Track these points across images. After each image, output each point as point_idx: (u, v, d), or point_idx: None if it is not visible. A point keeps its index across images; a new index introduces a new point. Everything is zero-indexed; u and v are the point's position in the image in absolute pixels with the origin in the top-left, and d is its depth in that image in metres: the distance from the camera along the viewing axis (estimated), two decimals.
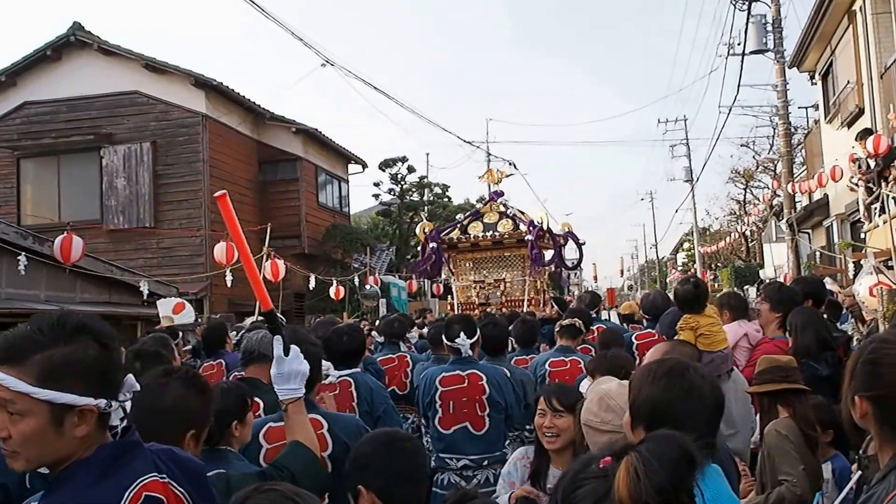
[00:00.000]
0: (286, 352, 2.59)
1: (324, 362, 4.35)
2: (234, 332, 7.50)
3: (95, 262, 11.46)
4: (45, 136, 18.11)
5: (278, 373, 2.59)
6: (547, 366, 5.92)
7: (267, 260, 12.44)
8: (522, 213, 10.29)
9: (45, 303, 10.23)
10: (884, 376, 1.87)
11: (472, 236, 9.99)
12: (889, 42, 12.61)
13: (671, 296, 6.55)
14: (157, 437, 2.15)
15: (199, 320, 13.60)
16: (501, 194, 10.55)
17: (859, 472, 2.56)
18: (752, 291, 19.53)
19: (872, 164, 11.27)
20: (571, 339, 6.05)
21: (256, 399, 3.78)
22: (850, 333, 6.84)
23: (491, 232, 9.92)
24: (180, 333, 7.07)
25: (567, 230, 10.18)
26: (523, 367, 5.87)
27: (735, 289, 22.79)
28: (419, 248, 10.28)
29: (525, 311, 8.95)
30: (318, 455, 2.62)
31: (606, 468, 1.49)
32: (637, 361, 4.68)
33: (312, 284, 16.21)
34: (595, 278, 36.08)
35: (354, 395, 4.34)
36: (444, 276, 11.91)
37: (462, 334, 4.75)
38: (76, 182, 18.10)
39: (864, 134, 12.10)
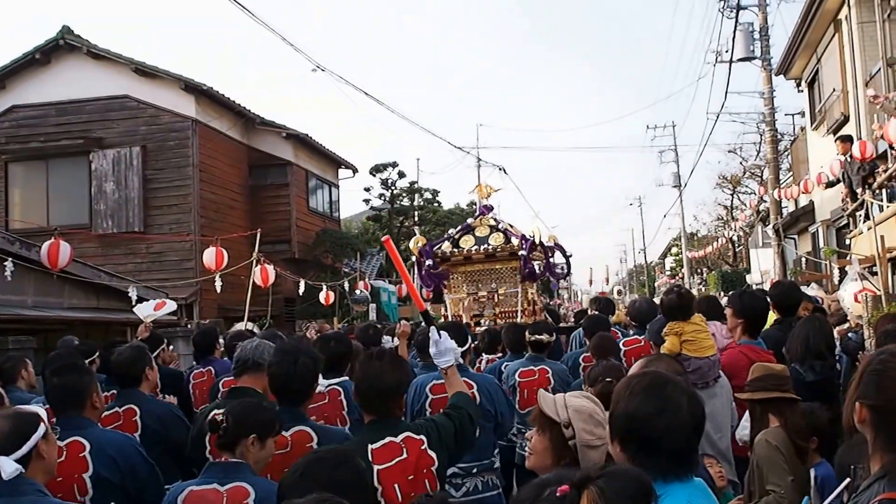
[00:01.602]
0: (439, 335, 3.54)
1: None
2: (221, 339, 7.49)
3: (83, 268, 11.39)
4: (34, 139, 18.03)
5: (437, 351, 3.54)
6: (517, 376, 6.00)
7: (257, 265, 12.44)
8: (512, 226, 10.34)
9: (32, 309, 10.18)
10: (885, 388, 1.93)
11: (464, 250, 10.01)
12: (874, 51, 12.72)
13: (658, 301, 6.62)
14: (385, 408, 3.22)
15: (189, 326, 13.59)
16: (491, 209, 10.59)
17: (848, 479, 2.60)
18: None
19: (854, 175, 11.39)
20: (541, 351, 6.17)
21: None
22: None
23: (483, 245, 9.94)
24: (165, 340, 6.99)
25: (554, 242, 10.23)
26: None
27: (721, 293, 22.90)
28: (416, 263, 10.29)
29: (519, 321, 9.01)
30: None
31: (564, 496, 1.53)
32: (625, 368, 4.72)
33: (302, 289, 16.20)
34: (590, 282, 36.16)
35: (344, 403, 4.36)
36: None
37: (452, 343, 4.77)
38: (65, 186, 18.00)
39: (845, 139, 12.25)
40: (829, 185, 13.32)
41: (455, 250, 10.10)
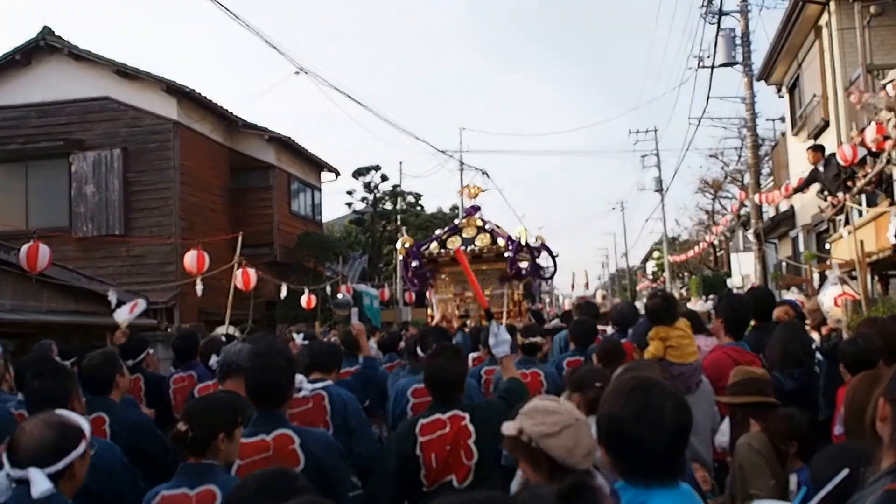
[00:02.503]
0: (498, 328, 4.25)
1: (297, 375, 4.36)
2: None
3: (63, 271, 11.32)
4: (13, 141, 17.85)
5: (495, 342, 4.22)
6: None
7: (238, 269, 12.37)
8: (499, 227, 10.37)
9: (10, 312, 10.09)
10: None
11: (451, 251, 10.02)
12: (854, 57, 12.83)
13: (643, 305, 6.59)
14: (447, 395, 3.78)
15: (169, 329, 13.51)
16: (478, 209, 10.61)
17: (846, 470, 2.57)
18: None
19: (830, 182, 11.49)
20: (533, 354, 6.13)
21: None
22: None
23: (469, 246, 9.95)
24: (148, 344, 6.91)
25: (541, 242, 10.24)
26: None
27: (703, 297, 22.99)
28: (401, 263, 10.33)
29: (504, 322, 9.01)
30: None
31: None
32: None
33: (284, 293, 16.14)
34: (573, 286, 36.16)
35: (328, 408, 4.33)
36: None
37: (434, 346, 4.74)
38: (44, 189, 17.87)
39: (816, 148, 12.35)
40: (796, 190, 13.45)
41: (442, 251, 10.13)
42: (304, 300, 16.52)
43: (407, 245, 10.40)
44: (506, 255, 9.78)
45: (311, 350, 4.94)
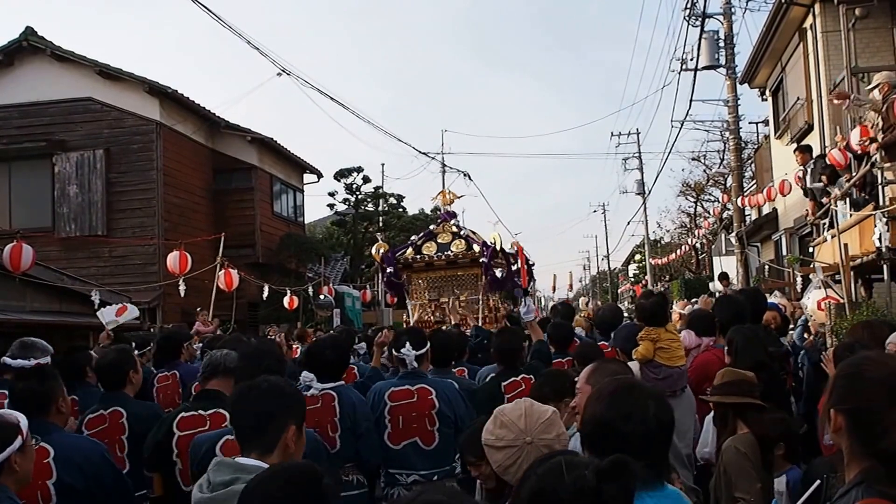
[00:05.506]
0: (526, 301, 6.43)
1: (306, 374, 4.33)
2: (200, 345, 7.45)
3: (46, 271, 11.25)
4: None
5: (525, 311, 6.40)
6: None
7: (220, 269, 12.34)
8: (474, 233, 10.39)
9: None
10: (862, 390, 1.88)
11: (426, 256, 10.05)
12: (838, 60, 12.86)
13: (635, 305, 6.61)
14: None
15: (153, 329, 13.44)
16: (454, 215, 10.64)
17: (817, 482, 2.58)
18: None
19: (815, 184, 11.55)
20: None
21: (221, 411, 3.74)
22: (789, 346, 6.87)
23: (445, 252, 9.97)
24: (133, 344, 6.91)
25: (517, 249, 10.25)
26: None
27: (685, 300, 23.08)
28: (378, 268, 10.37)
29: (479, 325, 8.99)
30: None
31: None
32: None
33: (266, 294, 16.11)
34: (554, 289, 36.26)
35: (337, 409, 4.31)
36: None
37: (407, 344, 4.69)
38: (27, 189, 17.81)
39: (804, 149, 12.40)
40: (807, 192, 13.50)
41: (417, 256, 10.14)
42: (286, 301, 16.50)
43: (381, 251, 10.41)
44: (481, 261, 9.78)
45: (316, 356, 4.68)
